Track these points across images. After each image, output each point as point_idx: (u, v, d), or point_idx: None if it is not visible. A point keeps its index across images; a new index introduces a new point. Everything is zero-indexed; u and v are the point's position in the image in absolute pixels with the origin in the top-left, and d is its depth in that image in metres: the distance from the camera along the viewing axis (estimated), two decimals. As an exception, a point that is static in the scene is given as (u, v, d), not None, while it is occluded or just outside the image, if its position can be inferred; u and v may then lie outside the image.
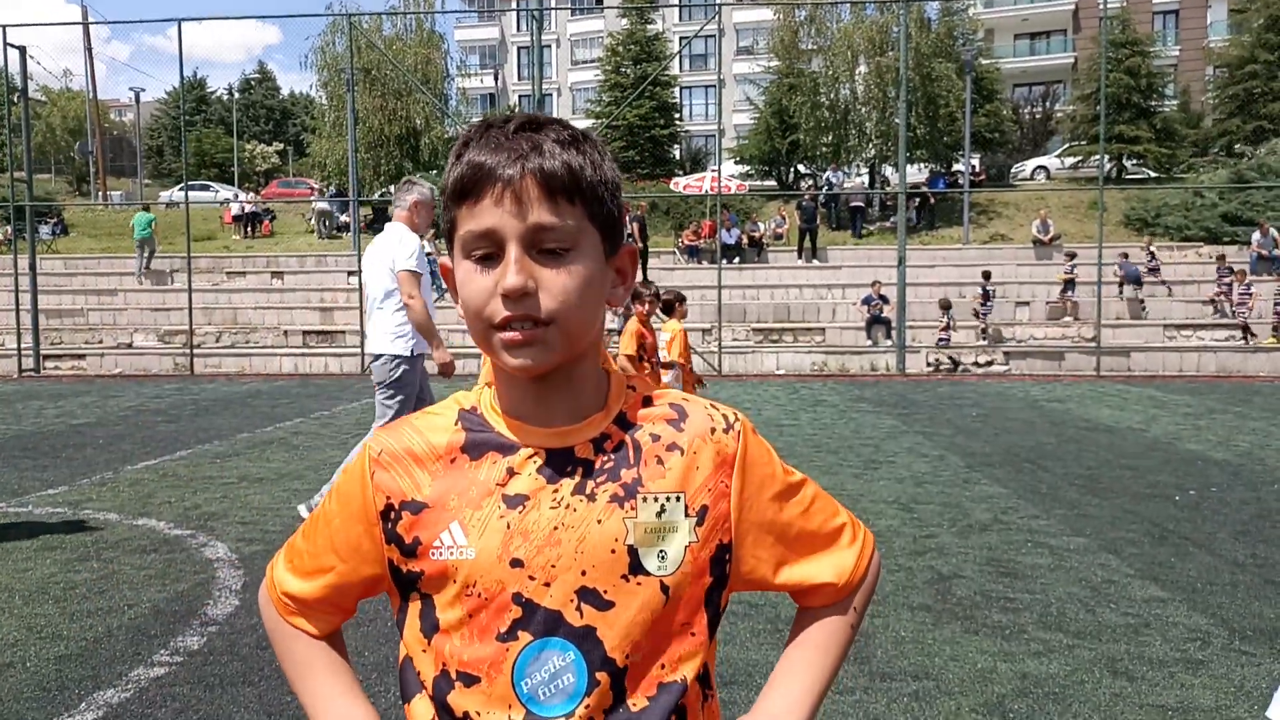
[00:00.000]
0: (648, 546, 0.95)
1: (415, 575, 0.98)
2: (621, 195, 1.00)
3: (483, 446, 0.98)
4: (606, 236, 0.96)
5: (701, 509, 0.98)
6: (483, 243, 0.92)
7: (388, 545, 0.99)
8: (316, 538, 1.05)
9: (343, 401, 12.99)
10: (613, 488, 0.96)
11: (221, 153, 46.59)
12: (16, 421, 11.02)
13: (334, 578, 1.03)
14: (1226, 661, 3.61)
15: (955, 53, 27.61)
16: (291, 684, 1.07)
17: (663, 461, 0.98)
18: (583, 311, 0.93)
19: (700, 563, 0.97)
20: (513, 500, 0.95)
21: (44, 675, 3.54)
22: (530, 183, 0.91)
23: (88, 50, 39.31)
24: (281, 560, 1.09)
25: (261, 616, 1.11)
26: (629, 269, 1.01)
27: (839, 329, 18.98)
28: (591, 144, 0.96)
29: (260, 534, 5.63)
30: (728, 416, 1.02)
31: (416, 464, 0.99)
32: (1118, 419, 10.64)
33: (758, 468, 1.01)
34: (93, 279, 23.06)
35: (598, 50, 43.63)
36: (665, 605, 0.95)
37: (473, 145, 0.94)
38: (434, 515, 0.97)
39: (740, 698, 3.26)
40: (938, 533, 5.60)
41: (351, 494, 1.02)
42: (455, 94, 31.32)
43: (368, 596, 1.06)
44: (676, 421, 1.00)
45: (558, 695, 0.93)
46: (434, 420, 1.02)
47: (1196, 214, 22.85)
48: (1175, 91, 34.59)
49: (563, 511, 0.95)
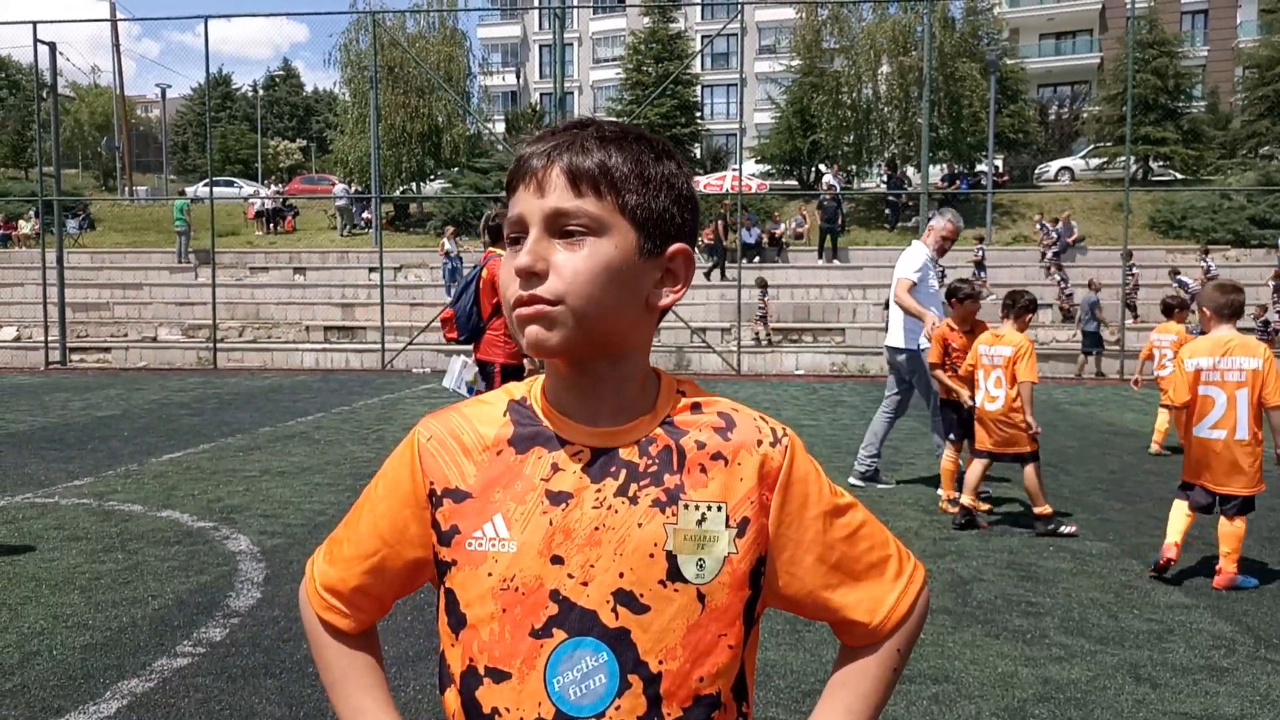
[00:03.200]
0: (687, 554, 0.94)
1: (446, 565, 0.98)
2: (684, 197, 0.97)
3: (530, 441, 0.98)
4: (646, 232, 0.94)
5: (743, 521, 0.96)
6: (515, 228, 0.95)
7: (431, 530, 1.00)
8: (359, 524, 1.05)
9: (363, 397, 13.06)
10: (655, 492, 0.95)
11: (246, 149, 47.01)
12: (43, 414, 11.17)
13: (376, 561, 1.03)
14: (1251, 669, 3.57)
15: (979, 52, 27.42)
16: (327, 690, 1.07)
17: (706, 470, 0.97)
18: (594, 297, 0.91)
19: (739, 575, 0.96)
20: (556, 497, 0.95)
21: (70, 664, 3.59)
22: (556, 170, 0.92)
23: (115, 47, 39.72)
24: (321, 554, 1.09)
25: (302, 618, 1.11)
26: (682, 272, 0.98)
27: (859, 329, 18.89)
28: (645, 143, 0.96)
29: (282, 527, 5.68)
30: (776, 430, 1.00)
31: (464, 453, 0.99)
32: (1142, 423, 10.53)
33: (802, 484, 0.99)
34: (119, 273, 23.32)
35: (619, 49, 43.63)
36: (701, 614, 0.94)
37: (524, 144, 0.97)
38: (476, 505, 0.97)
39: (758, 699, 3.26)
40: (958, 535, 5.57)
41: (400, 479, 1.02)
42: (477, 92, 31.36)
43: (407, 592, 1.06)
44: (724, 430, 0.99)
45: (588, 696, 0.92)
46: (484, 410, 1.02)
47: (1224, 216, 22.57)
48: (1203, 92, 34.20)
49: (604, 512, 0.94)
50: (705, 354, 17.96)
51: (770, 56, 43.24)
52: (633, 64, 35.71)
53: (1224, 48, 39.45)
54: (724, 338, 18.54)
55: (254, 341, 19.76)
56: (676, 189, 0.96)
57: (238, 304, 21.01)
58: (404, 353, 18.03)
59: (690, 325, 18.35)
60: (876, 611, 1.00)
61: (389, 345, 18.06)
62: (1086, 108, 36.32)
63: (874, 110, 27.70)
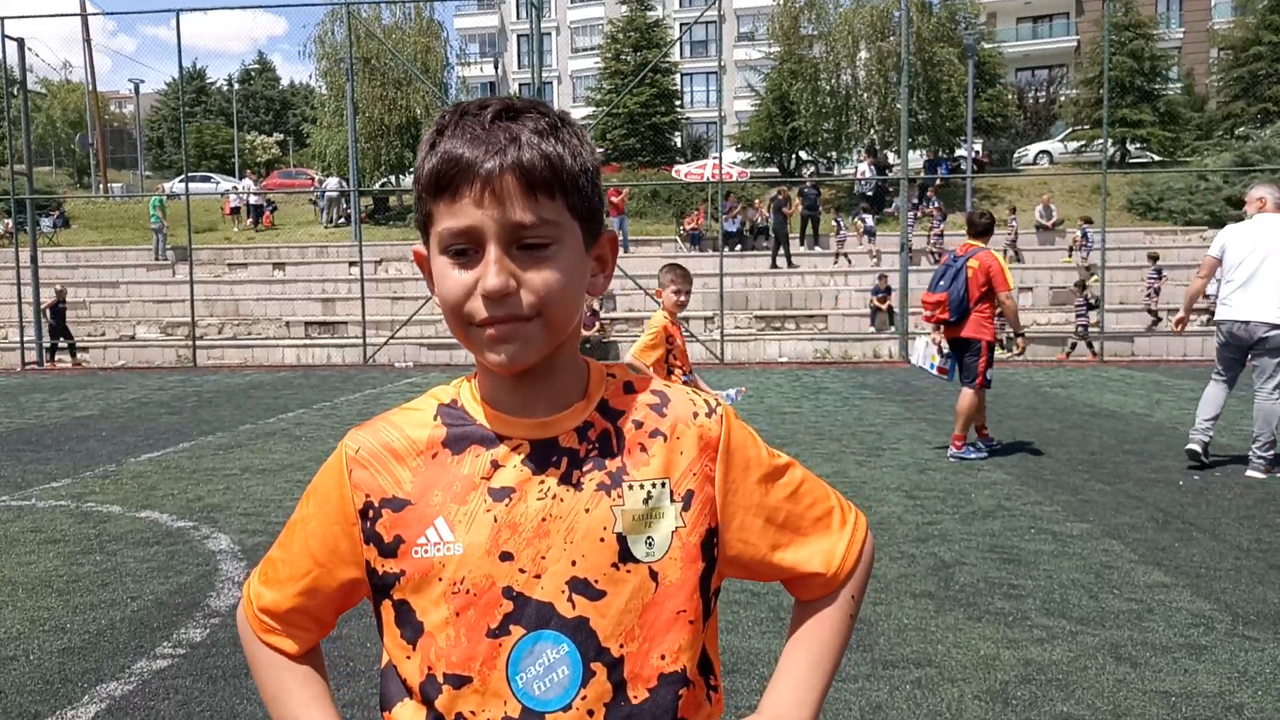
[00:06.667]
0: (635, 534, 0.94)
1: (394, 577, 0.96)
2: (600, 179, 0.97)
3: (465, 440, 0.96)
4: (586, 226, 0.94)
5: (687, 494, 0.97)
6: (461, 240, 0.90)
7: (366, 545, 0.97)
8: (292, 544, 1.03)
9: (345, 392, 12.99)
10: (599, 476, 0.95)
11: (222, 144, 46.56)
12: (19, 414, 11.04)
13: (309, 582, 1.01)
14: (1230, 647, 3.60)
15: (957, 37, 27.50)
16: (268, 707, 1.04)
17: (646, 448, 0.97)
18: (565, 305, 0.92)
19: (690, 549, 0.96)
20: (499, 493, 0.94)
21: (47, 668, 3.54)
22: (510, 179, 0.88)
23: (86, 42, 39.21)
24: (256, 575, 1.07)
25: (241, 640, 1.08)
26: (609, 256, 0.99)
27: (841, 316, 18.95)
28: (570, 129, 0.93)
29: (263, 525, 5.64)
30: (709, 402, 1.02)
31: (396, 460, 0.97)
32: (1121, 404, 10.62)
33: (742, 450, 1.00)
34: (94, 271, 23.08)
35: (598, 37, 43.46)
36: (655, 592, 0.94)
37: (447, 134, 0.90)
38: (416, 512, 0.95)
39: (743, 686, 3.26)
40: (941, 519, 5.59)
41: (328, 494, 1.00)
42: (455, 83, 31.20)
43: (345, 608, 1.04)
44: (659, 407, 0.99)
45: (554, 689, 0.91)
46: (413, 416, 1.00)
47: (1200, 198, 22.75)
48: (1179, 74, 34.42)
49: (550, 502, 0.93)
50: (689, 343, 17.95)
51: (749, 44, 43.25)
52: (611, 53, 35.61)
53: (1199, 29, 39.69)
54: (707, 326, 18.55)
55: (234, 338, 19.61)
56: (594, 168, 0.95)
57: (216, 301, 20.84)
58: (385, 347, 17.94)
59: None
60: (831, 561, 1.03)
61: (370, 340, 17.97)
62: (1064, 91, 36.48)
63: (853, 96, 27.74)
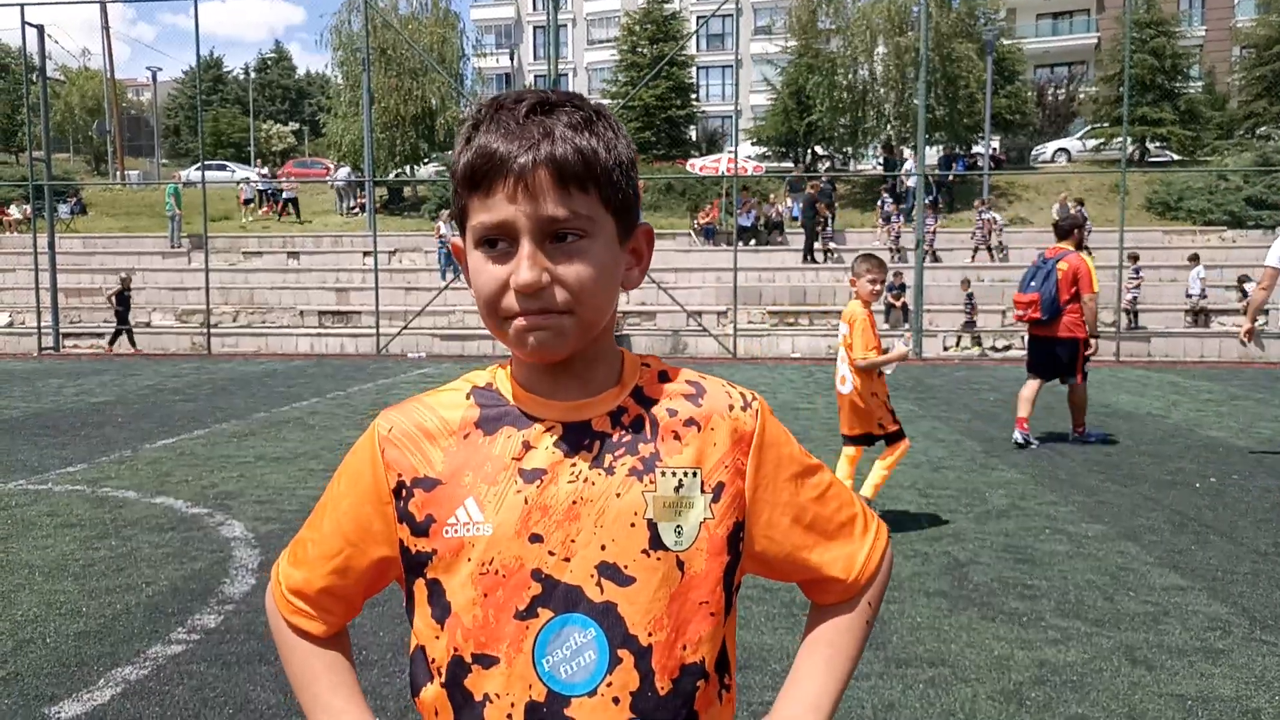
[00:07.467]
0: (666, 521, 0.94)
1: (426, 556, 0.96)
2: (636, 173, 0.97)
3: (498, 421, 0.97)
4: (621, 220, 0.94)
5: (718, 485, 0.97)
6: (495, 233, 0.91)
7: (400, 524, 0.97)
8: (323, 524, 1.03)
9: (358, 382, 13.03)
10: (631, 461, 0.95)
11: (238, 132, 46.72)
12: (36, 400, 11.12)
13: (341, 561, 1.01)
14: (1247, 651, 3.57)
15: (976, 32, 27.26)
16: (295, 693, 1.05)
17: (679, 437, 0.97)
18: (598, 299, 0.92)
19: (716, 540, 0.96)
20: (530, 475, 0.94)
21: (63, 651, 3.57)
22: (543, 174, 0.88)
23: (105, 29, 39.40)
24: (286, 557, 1.07)
25: (269, 623, 1.08)
26: (644, 249, 0.99)
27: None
28: (605, 122, 0.93)
29: (276, 513, 5.66)
30: (745, 395, 1.02)
31: (428, 440, 0.97)
32: (1137, 405, 10.54)
33: (775, 447, 1.00)
34: (111, 258, 23.18)
35: (614, 30, 43.38)
36: (681, 582, 0.94)
37: (483, 129, 0.91)
38: (448, 491, 0.95)
39: (755, 682, 3.25)
40: (954, 518, 5.57)
41: (361, 473, 1.00)
42: (471, 74, 31.24)
43: (375, 591, 1.04)
44: (694, 397, 0.99)
45: (580, 672, 0.91)
46: (446, 397, 1.01)
47: (1220, 197, 22.53)
48: (1200, 73, 34.06)
49: (581, 485, 0.93)
50: (701, 337, 17.94)
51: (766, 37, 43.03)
52: (627, 45, 35.50)
53: (1221, 27, 39.29)
54: (720, 321, 18.52)
55: (248, 326, 19.69)
56: (629, 161, 0.95)
57: (231, 289, 20.92)
58: (399, 337, 17.98)
59: (686, 308, 18.32)
60: (851, 568, 1.03)
61: (384, 330, 18.01)
62: (1083, 88, 36.18)
63: (870, 91, 27.57)
